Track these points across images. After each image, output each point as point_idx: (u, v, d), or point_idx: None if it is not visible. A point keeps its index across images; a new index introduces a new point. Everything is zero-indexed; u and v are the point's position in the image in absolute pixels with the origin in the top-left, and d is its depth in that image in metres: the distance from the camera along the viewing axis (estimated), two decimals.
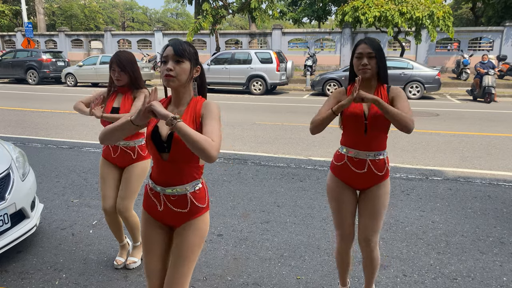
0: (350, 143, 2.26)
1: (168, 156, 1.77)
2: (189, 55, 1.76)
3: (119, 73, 2.75)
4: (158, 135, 1.77)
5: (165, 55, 1.75)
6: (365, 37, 2.27)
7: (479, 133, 7.98)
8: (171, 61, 1.73)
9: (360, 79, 2.06)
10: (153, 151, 1.79)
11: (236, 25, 65.42)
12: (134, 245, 3.13)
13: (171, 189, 1.80)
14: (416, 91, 13.77)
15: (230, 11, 20.67)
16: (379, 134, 2.21)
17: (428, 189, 4.74)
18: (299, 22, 31.91)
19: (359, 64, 2.16)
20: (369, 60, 2.13)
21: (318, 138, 7.44)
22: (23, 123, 8.88)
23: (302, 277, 2.93)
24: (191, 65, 1.77)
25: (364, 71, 2.15)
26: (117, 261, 3.07)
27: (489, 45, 21.16)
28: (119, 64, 2.74)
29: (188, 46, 1.77)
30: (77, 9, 47.95)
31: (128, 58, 2.78)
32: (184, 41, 1.80)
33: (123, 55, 2.78)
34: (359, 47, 2.17)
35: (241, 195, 4.55)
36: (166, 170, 1.79)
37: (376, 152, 2.23)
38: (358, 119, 2.18)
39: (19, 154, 3.39)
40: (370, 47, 2.13)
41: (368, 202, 2.30)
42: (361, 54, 2.15)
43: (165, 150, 1.77)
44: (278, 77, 15.14)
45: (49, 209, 4.12)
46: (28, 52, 19.78)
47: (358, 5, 16.37)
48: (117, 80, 2.78)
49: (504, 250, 3.32)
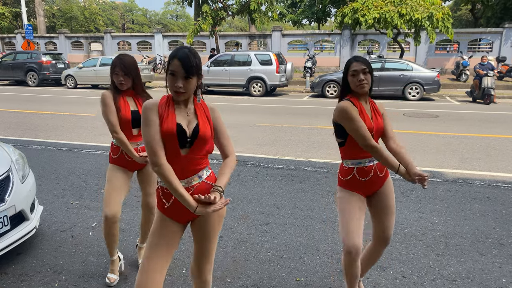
0: (357, 154, 2.33)
1: (188, 151, 1.89)
2: (197, 71, 1.82)
3: (123, 77, 2.68)
4: (183, 132, 1.86)
5: (174, 69, 1.79)
6: (353, 56, 2.36)
7: (478, 135, 7.99)
8: (180, 78, 1.80)
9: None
10: (173, 146, 1.86)
11: (236, 27, 65.53)
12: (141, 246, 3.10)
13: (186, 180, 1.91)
14: (416, 92, 13.78)
15: (230, 13, 20.71)
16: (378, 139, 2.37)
17: (427, 191, 4.74)
18: (298, 24, 31.97)
19: (356, 80, 2.24)
20: (365, 76, 2.24)
21: (317, 140, 7.45)
22: (23, 125, 8.89)
23: (302, 279, 2.93)
24: (197, 79, 1.85)
25: (362, 86, 2.24)
26: (109, 278, 2.84)
27: (489, 47, 21.20)
28: (123, 68, 2.67)
29: (194, 59, 1.81)
30: (77, 11, 48.06)
31: (131, 62, 2.72)
32: (190, 52, 1.82)
33: (127, 59, 2.72)
34: (352, 65, 2.26)
35: (241, 197, 4.55)
36: (182, 163, 1.90)
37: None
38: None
39: (19, 156, 3.40)
40: (363, 64, 2.24)
41: (382, 201, 2.41)
42: (356, 71, 2.23)
43: (186, 146, 1.88)
44: (278, 78, 15.15)
45: (48, 211, 4.12)
46: (28, 54, 19.79)
47: (358, 7, 16.39)
48: (120, 84, 2.70)
49: (503, 252, 3.32)
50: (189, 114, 1.91)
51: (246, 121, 9.46)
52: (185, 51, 1.81)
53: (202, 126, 1.89)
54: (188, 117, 1.90)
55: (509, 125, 9.20)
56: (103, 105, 2.71)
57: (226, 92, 16.46)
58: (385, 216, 2.42)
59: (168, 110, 1.88)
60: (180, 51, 1.81)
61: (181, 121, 1.88)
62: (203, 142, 1.90)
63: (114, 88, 2.76)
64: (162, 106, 1.89)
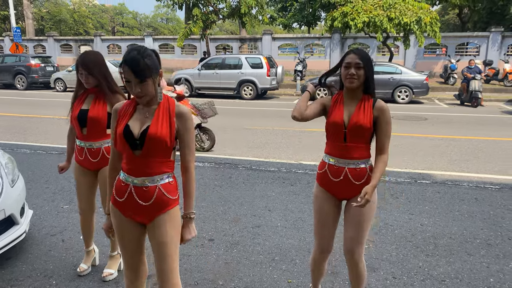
0: (332, 151, 2.28)
1: (141, 152, 1.85)
2: (150, 72, 1.76)
3: (86, 76, 2.62)
4: (130, 133, 1.84)
5: (126, 77, 1.76)
6: (355, 48, 2.28)
7: (466, 137, 8.11)
8: (135, 84, 1.77)
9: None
10: (126, 148, 1.86)
11: (226, 30, 65.56)
12: (111, 254, 3.03)
13: (141, 179, 1.86)
14: (405, 95, 13.94)
15: (220, 16, 20.73)
16: (359, 143, 2.21)
17: (416, 193, 4.80)
18: (289, 28, 32.15)
19: (346, 73, 2.15)
20: (357, 70, 2.13)
21: (308, 143, 7.49)
22: (12, 129, 8.79)
23: (293, 281, 2.95)
24: (153, 79, 1.80)
25: (350, 81, 2.14)
26: (80, 268, 2.98)
27: (476, 50, 21.51)
28: (84, 67, 2.61)
29: (144, 60, 1.74)
30: (66, 14, 47.68)
31: (95, 60, 2.64)
32: (138, 53, 1.75)
33: (89, 56, 2.65)
34: (348, 56, 2.16)
35: (232, 200, 4.56)
36: (138, 164, 1.86)
37: (357, 161, 2.22)
38: (338, 127, 2.21)
39: (8, 160, 3.37)
40: (359, 58, 2.12)
41: (351, 213, 2.27)
42: (349, 64, 2.14)
43: (138, 147, 1.84)
44: (269, 82, 15.21)
45: (38, 215, 4.08)
46: (17, 57, 19.56)
47: (347, 11, 16.55)
48: (85, 83, 2.67)
49: (490, 252, 3.38)
50: (147, 115, 1.86)
51: (237, 124, 9.48)
52: (133, 54, 1.74)
53: (153, 128, 1.81)
54: (146, 118, 1.86)
55: (496, 127, 9.35)
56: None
57: (217, 95, 16.45)
58: (350, 229, 2.27)
59: (126, 111, 1.89)
60: (128, 55, 1.75)
61: (134, 123, 1.85)
62: (154, 144, 1.82)
63: (79, 86, 2.78)
64: (124, 108, 1.91)
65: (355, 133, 2.19)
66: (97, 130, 2.72)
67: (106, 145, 2.77)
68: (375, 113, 2.21)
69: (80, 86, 2.78)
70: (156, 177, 1.87)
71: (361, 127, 2.17)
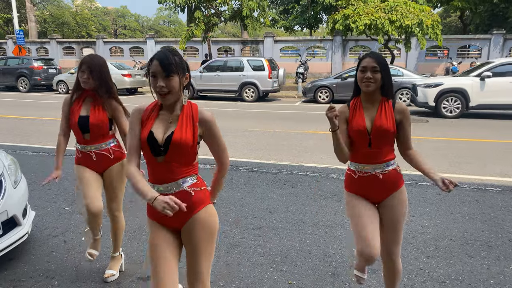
0: (358, 158, 2.27)
1: (164, 158, 1.84)
2: (177, 68, 1.77)
3: (88, 75, 2.63)
4: (154, 139, 1.82)
5: (153, 70, 1.77)
6: (370, 51, 2.28)
7: (467, 139, 8.11)
8: (161, 78, 1.76)
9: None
10: (148, 154, 1.85)
11: (228, 32, 65.75)
12: (113, 255, 3.03)
13: (165, 186, 1.86)
14: (406, 98, 13.94)
15: (222, 19, 20.80)
16: (384, 147, 2.22)
17: (417, 194, 4.81)
18: (290, 30, 32.22)
19: (362, 77, 2.15)
20: (373, 74, 2.13)
21: (309, 145, 7.50)
22: (14, 131, 8.83)
23: (294, 282, 2.96)
24: (180, 77, 1.79)
25: (367, 84, 2.15)
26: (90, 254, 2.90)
27: (477, 53, 21.54)
28: (89, 66, 2.63)
29: (173, 57, 1.78)
30: (68, 17, 47.89)
31: (100, 64, 2.69)
32: (169, 51, 1.80)
33: (97, 59, 2.69)
34: (363, 60, 2.17)
35: (233, 201, 4.57)
36: (160, 170, 1.86)
37: (384, 164, 2.23)
38: (362, 134, 2.20)
39: (11, 161, 3.40)
40: (375, 61, 2.13)
41: (386, 214, 2.28)
42: (365, 67, 2.14)
43: (161, 154, 1.83)
44: (270, 84, 15.24)
45: (40, 217, 4.11)
46: (19, 59, 19.69)
47: (349, 14, 16.57)
48: (84, 82, 2.66)
49: (491, 254, 3.38)
50: (171, 120, 1.85)
51: (239, 126, 9.50)
52: (163, 51, 1.79)
53: (178, 134, 1.81)
54: (170, 123, 1.85)
55: (499, 129, 9.35)
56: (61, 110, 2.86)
57: (219, 98, 16.50)
58: (387, 230, 2.29)
59: (150, 116, 1.87)
60: (158, 52, 1.79)
61: (158, 128, 1.84)
62: (178, 150, 1.81)
63: (76, 87, 2.76)
64: (147, 112, 1.89)
65: (380, 138, 2.20)
66: (100, 133, 2.77)
67: (112, 144, 2.84)
68: (396, 116, 2.22)
69: (78, 88, 2.77)
70: (180, 181, 1.87)
71: (386, 132, 2.18)
